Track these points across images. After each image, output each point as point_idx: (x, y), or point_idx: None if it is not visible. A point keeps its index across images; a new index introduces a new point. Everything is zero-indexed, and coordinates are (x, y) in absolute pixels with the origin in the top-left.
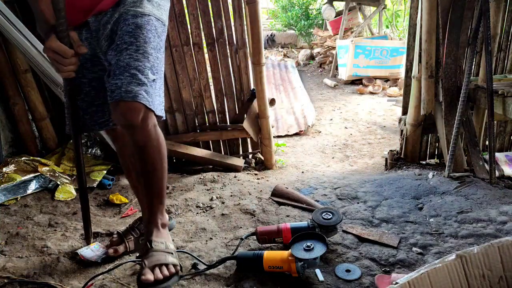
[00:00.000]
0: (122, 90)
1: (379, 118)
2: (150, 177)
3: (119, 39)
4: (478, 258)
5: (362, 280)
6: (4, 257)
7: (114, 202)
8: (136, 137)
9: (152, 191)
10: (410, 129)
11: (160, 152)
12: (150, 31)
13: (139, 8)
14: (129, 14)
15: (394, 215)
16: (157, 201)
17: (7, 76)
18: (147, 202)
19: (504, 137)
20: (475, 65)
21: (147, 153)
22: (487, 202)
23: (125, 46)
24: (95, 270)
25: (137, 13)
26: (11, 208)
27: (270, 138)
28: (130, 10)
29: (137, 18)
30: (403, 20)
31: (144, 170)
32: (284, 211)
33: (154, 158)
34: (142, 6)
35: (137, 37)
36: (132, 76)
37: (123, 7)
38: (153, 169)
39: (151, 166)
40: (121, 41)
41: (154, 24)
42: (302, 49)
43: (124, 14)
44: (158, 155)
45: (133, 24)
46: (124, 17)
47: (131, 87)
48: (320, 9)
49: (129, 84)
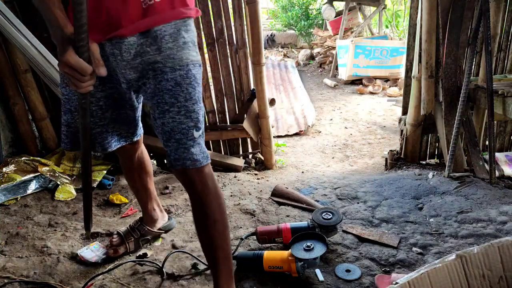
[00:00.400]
0: (171, 158)
1: (379, 118)
2: (211, 232)
3: (159, 96)
4: (478, 258)
5: (362, 280)
6: (4, 257)
7: (114, 202)
8: (195, 193)
9: (215, 248)
10: (410, 129)
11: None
12: (190, 85)
13: (177, 55)
14: (167, 66)
15: (394, 215)
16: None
17: (7, 76)
18: (210, 263)
19: (504, 137)
20: (475, 65)
21: (206, 205)
22: (487, 202)
23: (166, 107)
24: (95, 270)
25: (175, 65)
26: (11, 208)
27: (270, 138)
28: (167, 60)
29: (175, 72)
30: (403, 20)
31: (204, 225)
32: (284, 211)
33: (214, 209)
34: (179, 49)
35: (177, 96)
36: (178, 141)
37: (159, 49)
38: (213, 222)
39: (212, 219)
40: (162, 100)
41: (193, 73)
42: (302, 49)
43: (161, 65)
44: (217, 208)
45: (172, 80)
46: (162, 69)
47: (178, 154)
48: (320, 9)
49: (176, 151)
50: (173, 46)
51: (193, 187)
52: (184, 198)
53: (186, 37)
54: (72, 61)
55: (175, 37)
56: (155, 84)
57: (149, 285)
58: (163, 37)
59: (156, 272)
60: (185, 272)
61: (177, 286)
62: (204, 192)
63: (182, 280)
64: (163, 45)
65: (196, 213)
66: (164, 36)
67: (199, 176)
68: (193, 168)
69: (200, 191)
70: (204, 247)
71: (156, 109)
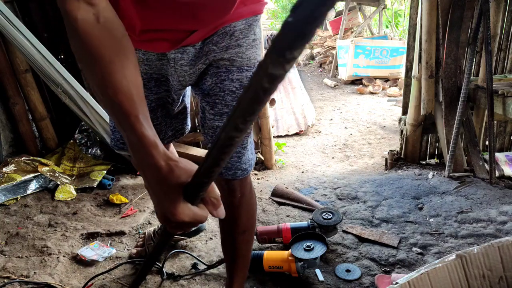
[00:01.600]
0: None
1: (379, 118)
2: (239, 240)
3: (218, 96)
4: (478, 258)
5: (362, 280)
6: (4, 257)
7: (114, 202)
8: (233, 200)
9: (238, 256)
10: (410, 129)
11: (252, 213)
12: None
13: (246, 53)
14: (234, 65)
15: (394, 215)
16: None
17: (7, 76)
18: (230, 267)
19: (504, 137)
20: (475, 65)
21: (240, 213)
22: (487, 202)
23: (226, 110)
24: (95, 270)
25: (243, 65)
26: (11, 208)
27: (270, 138)
28: (235, 59)
29: (242, 72)
30: (403, 20)
31: (233, 232)
32: (284, 211)
33: (247, 218)
34: (249, 47)
35: None
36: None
37: (227, 46)
38: (243, 231)
39: (242, 228)
40: (222, 101)
41: None
42: None
43: (228, 63)
44: (250, 217)
45: (238, 81)
46: (227, 67)
47: (231, 163)
48: None
49: (230, 159)
50: (243, 43)
51: (232, 195)
52: None
53: (256, 34)
54: (186, 218)
55: (246, 34)
56: (216, 82)
57: (149, 285)
58: (233, 33)
59: (156, 272)
60: (185, 272)
61: (177, 286)
62: (241, 201)
63: (182, 280)
64: (232, 42)
65: (227, 219)
66: (234, 32)
67: (241, 185)
68: (241, 177)
69: (238, 199)
70: (226, 251)
71: (211, 109)
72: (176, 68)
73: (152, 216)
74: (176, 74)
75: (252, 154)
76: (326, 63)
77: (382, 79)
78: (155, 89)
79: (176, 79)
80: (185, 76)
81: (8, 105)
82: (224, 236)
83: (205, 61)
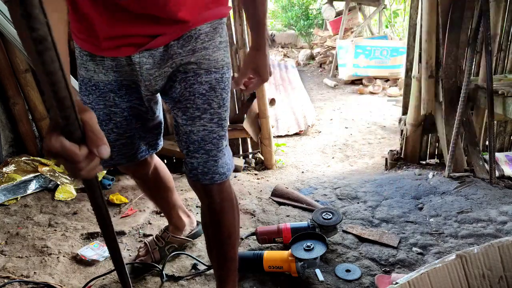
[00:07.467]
0: (199, 171)
1: (379, 118)
2: (224, 244)
3: (189, 101)
4: (478, 258)
5: (362, 280)
6: (4, 257)
7: (114, 202)
8: (213, 205)
9: (226, 259)
10: (410, 129)
11: (234, 217)
12: (224, 90)
13: (213, 56)
14: (202, 68)
15: (394, 215)
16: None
17: (7, 76)
18: (219, 272)
19: (504, 137)
20: (475, 65)
21: (223, 218)
22: (487, 202)
23: (197, 113)
24: (95, 270)
25: (211, 67)
26: (11, 208)
27: (270, 138)
28: (202, 62)
29: (211, 74)
30: (403, 20)
31: (217, 237)
32: (284, 211)
33: (230, 222)
34: (215, 49)
35: (211, 102)
36: (207, 153)
37: (193, 50)
38: (228, 235)
39: (226, 232)
40: (193, 105)
41: (227, 77)
42: (302, 49)
43: (195, 67)
44: (233, 220)
45: (207, 84)
46: (195, 71)
47: (208, 168)
48: (320, 9)
49: (206, 163)
50: (209, 45)
51: (211, 200)
52: (184, 198)
53: (222, 36)
54: (53, 148)
55: (212, 36)
56: (185, 87)
57: (149, 285)
58: (198, 37)
59: (156, 272)
60: (185, 272)
61: (177, 286)
62: (221, 205)
63: (182, 280)
64: (198, 45)
65: (211, 225)
66: (200, 35)
67: (219, 189)
68: (219, 182)
69: (218, 204)
70: (213, 256)
71: (183, 115)
72: (142, 72)
73: (152, 216)
74: (142, 79)
75: (229, 160)
76: (326, 63)
77: (382, 79)
78: (126, 97)
79: (143, 84)
80: (151, 80)
81: (8, 105)
82: (209, 242)
83: (172, 65)
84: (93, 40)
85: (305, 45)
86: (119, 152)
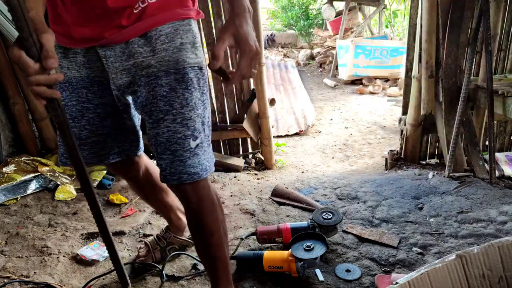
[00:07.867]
0: (167, 172)
1: (379, 118)
2: (208, 244)
3: (152, 104)
4: (478, 258)
5: (362, 280)
6: (4, 257)
7: (114, 202)
8: (190, 205)
9: (212, 259)
10: (410, 129)
11: (216, 216)
12: (186, 90)
13: (172, 57)
14: (161, 70)
15: (394, 215)
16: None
17: (7, 76)
18: (208, 272)
19: (504, 137)
20: (475, 65)
21: (202, 218)
22: (487, 202)
23: (161, 115)
24: (95, 270)
25: (170, 68)
26: (11, 208)
27: (270, 138)
28: (162, 64)
29: (170, 76)
30: (403, 20)
31: (200, 237)
32: (284, 211)
33: (210, 222)
34: (175, 51)
35: (172, 103)
36: (173, 153)
37: (153, 51)
38: (210, 234)
39: (208, 231)
40: (156, 108)
41: (190, 77)
42: (302, 49)
43: (155, 69)
44: (215, 219)
45: (167, 85)
46: (156, 74)
47: (174, 168)
48: (320, 9)
49: (172, 164)
50: (169, 47)
51: (187, 200)
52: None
53: (184, 38)
54: (14, 57)
55: (172, 38)
56: (149, 90)
57: (149, 285)
58: (159, 37)
59: (156, 272)
60: (185, 272)
61: (177, 286)
62: (199, 205)
63: (182, 280)
64: (158, 46)
65: (192, 225)
66: (160, 36)
67: (194, 189)
68: (189, 182)
69: (196, 203)
70: (201, 257)
71: (149, 119)
72: (108, 65)
73: (152, 216)
74: (110, 71)
75: (206, 160)
76: (326, 63)
77: (382, 79)
78: (99, 93)
79: (111, 77)
80: (117, 73)
81: (8, 105)
82: (195, 243)
83: (134, 64)
84: (63, 30)
85: (305, 45)
86: (90, 151)
